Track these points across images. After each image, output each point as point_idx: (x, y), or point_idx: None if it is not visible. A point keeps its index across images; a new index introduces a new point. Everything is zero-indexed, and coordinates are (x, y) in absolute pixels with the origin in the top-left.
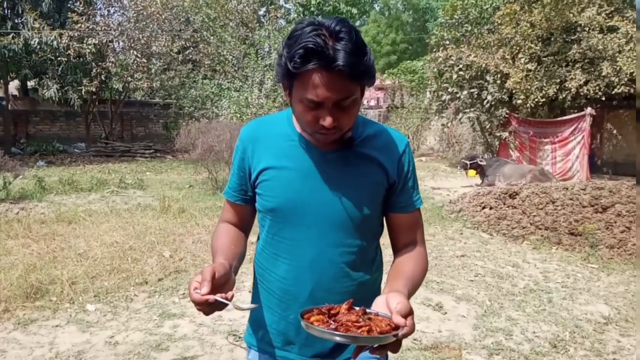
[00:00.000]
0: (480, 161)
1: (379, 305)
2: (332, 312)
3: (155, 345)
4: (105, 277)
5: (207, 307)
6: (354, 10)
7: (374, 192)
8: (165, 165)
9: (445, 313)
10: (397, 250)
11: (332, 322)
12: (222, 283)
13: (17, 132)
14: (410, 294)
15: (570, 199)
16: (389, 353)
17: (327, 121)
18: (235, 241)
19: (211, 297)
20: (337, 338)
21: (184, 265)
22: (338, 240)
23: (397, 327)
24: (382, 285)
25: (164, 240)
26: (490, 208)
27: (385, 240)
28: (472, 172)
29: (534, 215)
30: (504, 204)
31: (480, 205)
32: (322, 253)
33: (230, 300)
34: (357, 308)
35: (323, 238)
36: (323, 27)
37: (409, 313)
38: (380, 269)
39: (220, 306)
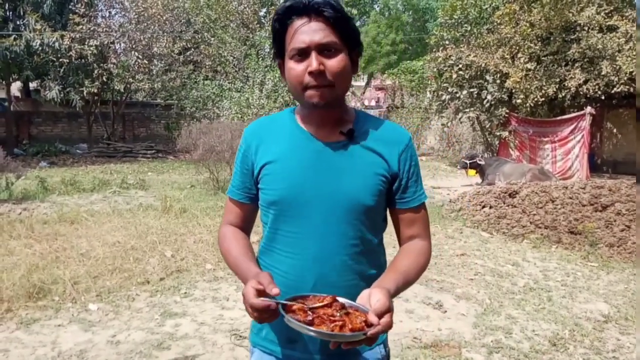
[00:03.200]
0: (480, 161)
1: (363, 299)
2: (314, 303)
3: (157, 344)
4: (107, 277)
5: (268, 314)
6: (354, 11)
7: (376, 184)
8: (166, 165)
9: (445, 311)
10: (401, 245)
11: (310, 313)
12: None
13: (20, 133)
14: (400, 289)
15: (570, 198)
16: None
17: (314, 65)
18: (249, 247)
19: (273, 304)
20: (309, 332)
21: (185, 264)
22: (341, 232)
23: (371, 325)
24: None
25: (166, 240)
26: (490, 207)
27: (388, 239)
28: (472, 171)
29: (534, 214)
30: (504, 203)
31: (480, 204)
32: (325, 245)
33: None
34: (342, 300)
35: (326, 230)
36: None
37: (385, 311)
38: (382, 267)
39: (274, 316)
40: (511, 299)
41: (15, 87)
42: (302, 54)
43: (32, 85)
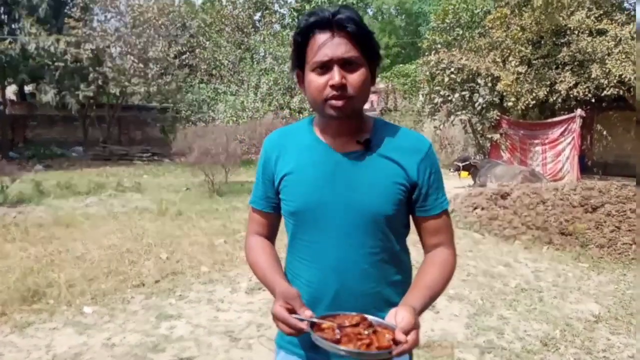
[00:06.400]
0: (474, 162)
1: (390, 318)
2: (342, 322)
3: (152, 347)
4: (102, 280)
5: (299, 332)
6: None
7: (395, 193)
8: (162, 168)
9: (438, 312)
10: (425, 252)
11: (337, 331)
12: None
13: (15, 137)
14: (427, 304)
15: (561, 200)
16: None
17: (336, 78)
18: (276, 257)
19: (306, 327)
20: (337, 351)
21: (180, 267)
22: (360, 242)
23: (399, 342)
24: None
25: (161, 243)
26: (482, 209)
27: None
28: (464, 173)
29: (525, 216)
30: (496, 205)
31: (472, 206)
32: (345, 255)
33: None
34: (370, 318)
35: (345, 239)
36: (325, 10)
37: (412, 329)
38: (408, 271)
39: (303, 332)
40: (503, 299)
41: (11, 91)
42: (324, 67)
43: (28, 88)
